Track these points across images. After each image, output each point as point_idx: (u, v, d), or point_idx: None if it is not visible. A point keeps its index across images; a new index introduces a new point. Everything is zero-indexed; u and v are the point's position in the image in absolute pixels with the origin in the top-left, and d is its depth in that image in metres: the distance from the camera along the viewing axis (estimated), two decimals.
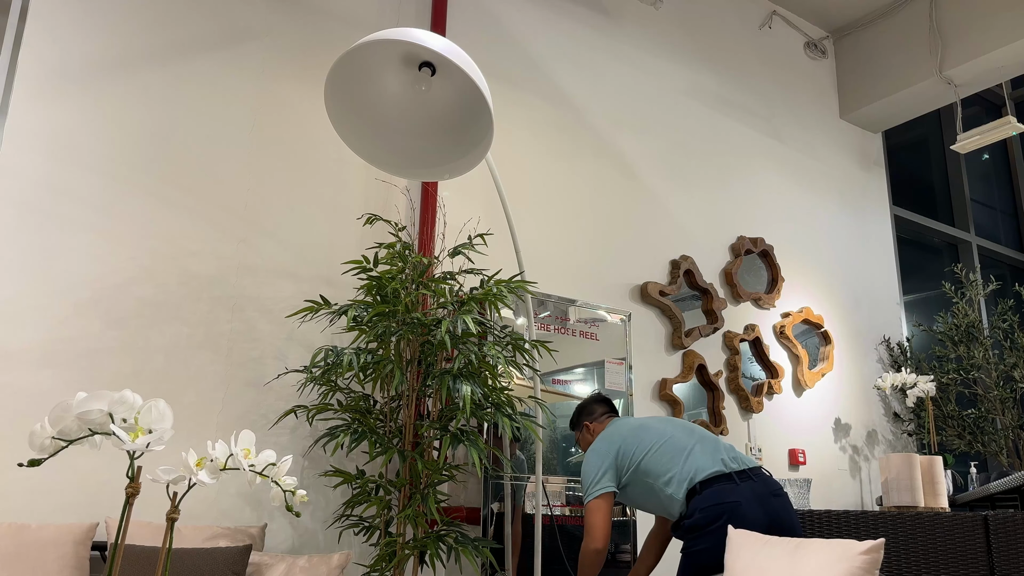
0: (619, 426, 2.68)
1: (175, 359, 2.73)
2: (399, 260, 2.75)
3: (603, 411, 2.86)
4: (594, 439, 2.74)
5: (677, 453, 2.55)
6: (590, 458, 2.61)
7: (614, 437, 2.63)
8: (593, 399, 2.90)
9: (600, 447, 2.62)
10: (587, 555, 2.52)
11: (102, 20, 2.82)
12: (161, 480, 1.38)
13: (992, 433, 4.65)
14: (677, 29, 4.63)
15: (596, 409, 2.87)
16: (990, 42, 4.64)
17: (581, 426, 2.86)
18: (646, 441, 2.59)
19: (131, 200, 2.76)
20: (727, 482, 2.45)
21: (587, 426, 2.83)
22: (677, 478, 2.50)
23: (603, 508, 2.53)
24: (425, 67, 2.57)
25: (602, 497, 2.54)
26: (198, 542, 2.38)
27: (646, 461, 2.56)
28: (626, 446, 2.60)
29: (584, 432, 2.85)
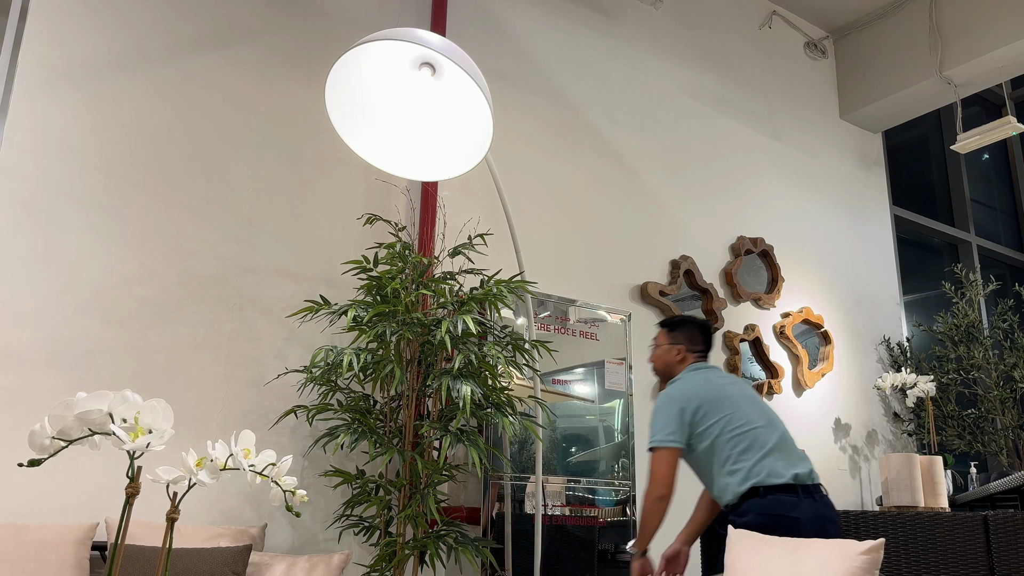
0: (704, 383, 2.54)
1: (175, 359, 2.73)
2: (399, 260, 2.75)
3: (700, 350, 2.72)
4: (674, 367, 2.66)
5: (754, 447, 2.41)
6: (667, 405, 2.50)
7: (697, 394, 2.50)
8: (703, 327, 2.77)
9: (679, 396, 2.50)
10: (649, 503, 2.42)
11: (102, 20, 2.82)
12: (161, 480, 1.38)
13: (992, 433, 4.65)
14: (677, 29, 4.63)
15: (697, 339, 2.73)
16: (990, 42, 4.64)
17: (671, 341, 2.73)
18: (726, 418, 2.46)
19: (131, 200, 2.76)
20: (790, 494, 2.33)
21: (677, 348, 2.72)
22: (744, 472, 2.39)
23: (668, 460, 2.42)
24: (425, 67, 2.57)
25: (668, 450, 2.43)
26: (198, 542, 2.38)
27: (719, 441, 2.44)
28: (705, 412, 2.47)
29: (669, 351, 2.73)
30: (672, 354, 2.71)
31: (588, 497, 3.25)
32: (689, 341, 2.72)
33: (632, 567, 2.55)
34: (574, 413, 3.36)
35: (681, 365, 2.71)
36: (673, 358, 2.71)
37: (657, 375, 2.81)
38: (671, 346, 2.72)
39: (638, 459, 3.77)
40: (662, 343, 2.75)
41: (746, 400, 2.53)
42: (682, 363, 2.71)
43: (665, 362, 2.74)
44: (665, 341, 2.75)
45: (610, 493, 3.32)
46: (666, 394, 2.53)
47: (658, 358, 2.74)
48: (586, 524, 3.20)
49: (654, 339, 2.84)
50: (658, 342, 2.77)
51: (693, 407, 2.47)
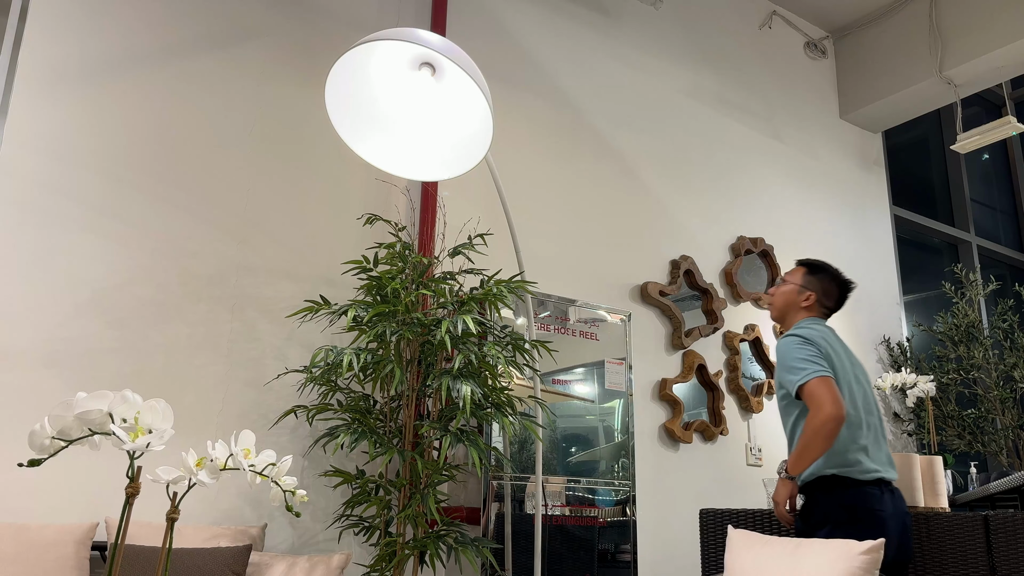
0: (826, 344, 2.35)
1: (175, 359, 2.73)
2: (399, 260, 2.75)
3: (829, 306, 2.54)
4: (794, 311, 2.50)
5: (850, 434, 2.28)
6: (802, 345, 2.31)
7: (821, 345, 2.32)
8: (842, 286, 2.56)
9: (811, 337, 2.33)
10: (818, 424, 2.16)
11: (102, 20, 2.82)
12: (161, 480, 1.38)
13: (992, 433, 4.65)
14: (677, 29, 4.63)
15: (831, 294, 2.54)
16: (990, 42, 4.64)
17: (804, 284, 2.54)
18: (839, 387, 2.30)
19: (131, 200, 2.76)
20: (873, 488, 2.24)
21: (808, 294, 2.53)
22: (835, 456, 2.26)
23: (827, 384, 2.20)
24: (425, 67, 2.57)
25: (822, 378, 2.21)
26: (198, 542, 2.38)
27: None
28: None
29: (799, 293, 2.54)
30: (800, 297, 2.52)
31: (588, 497, 3.25)
32: (824, 293, 2.52)
33: (779, 489, 2.31)
34: (574, 413, 3.36)
35: (802, 313, 2.52)
36: (799, 301, 2.52)
37: (772, 313, 2.62)
38: (803, 289, 2.52)
39: (638, 459, 3.77)
40: (793, 281, 2.55)
41: (854, 379, 2.37)
42: (806, 311, 2.52)
43: (787, 302, 2.54)
44: (798, 281, 2.54)
45: (610, 493, 3.32)
46: (794, 335, 2.34)
47: (782, 295, 2.54)
48: (586, 524, 3.20)
49: (784, 275, 2.63)
50: (789, 279, 2.56)
51: (824, 353, 2.30)
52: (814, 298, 2.51)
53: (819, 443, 2.16)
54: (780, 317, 2.58)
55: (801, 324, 2.44)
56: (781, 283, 2.58)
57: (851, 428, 2.27)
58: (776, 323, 2.60)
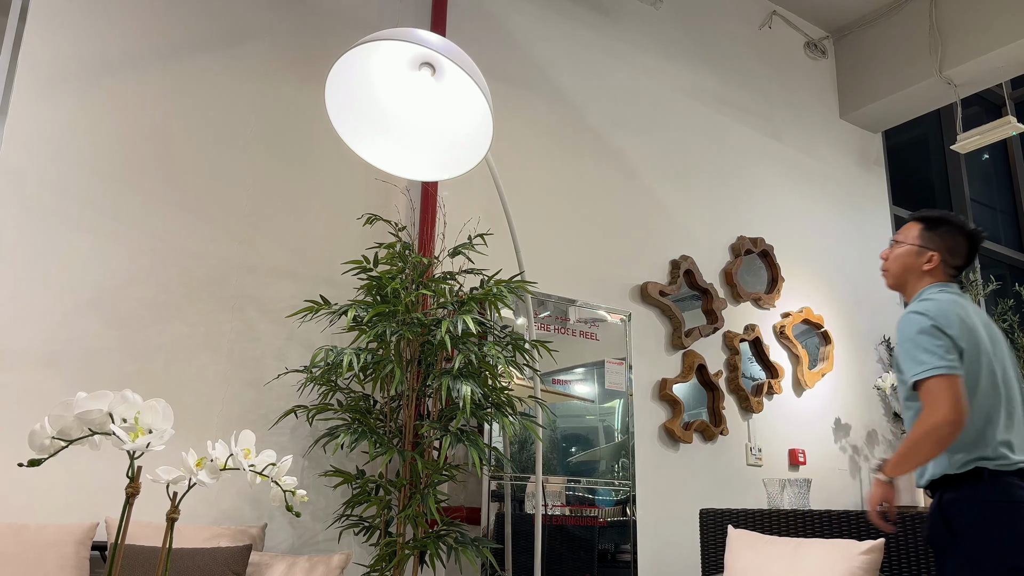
0: (958, 321, 1.98)
1: (175, 359, 2.73)
2: (399, 260, 2.75)
3: (958, 265, 2.13)
4: (915, 277, 2.13)
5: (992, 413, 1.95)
6: (929, 331, 1.94)
7: (952, 325, 1.95)
8: (971, 237, 2.13)
9: (941, 318, 1.95)
10: (928, 427, 1.86)
11: (102, 20, 2.82)
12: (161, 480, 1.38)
13: None
14: (677, 29, 4.63)
15: (959, 252, 2.12)
16: (990, 42, 4.64)
17: (923, 243, 2.13)
18: (975, 367, 1.96)
19: (131, 200, 2.76)
20: (1017, 478, 1.89)
21: (930, 255, 2.13)
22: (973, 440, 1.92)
23: (952, 386, 1.86)
24: (425, 67, 2.57)
25: (949, 378, 1.87)
26: (198, 542, 2.38)
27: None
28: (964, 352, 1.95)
29: (919, 254, 2.14)
30: (920, 260, 2.12)
31: (588, 497, 3.25)
32: (949, 251, 2.11)
33: (873, 491, 2.05)
34: (574, 413, 3.36)
35: (925, 279, 2.13)
36: (919, 265, 2.12)
37: (888, 280, 2.22)
38: (923, 249, 2.12)
39: (638, 459, 3.77)
40: (909, 242, 2.15)
41: (995, 360, 2.01)
42: (930, 275, 2.12)
43: (905, 266, 2.15)
44: (916, 240, 2.14)
45: (610, 493, 3.32)
46: (920, 315, 1.97)
47: (898, 259, 2.15)
48: (586, 524, 3.20)
49: (896, 235, 2.23)
50: (903, 239, 2.17)
51: (956, 336, 1.94)
52: (938, 259, 2.11)
53: (927, 448, 1.87)
54: (898, 285, 2.19)
55: (927, 294, 2.05)
56: (893, 245, 2.19)
57: (995, 403, 1.94)
58: (895, 291, 2.24)
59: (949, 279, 2.12)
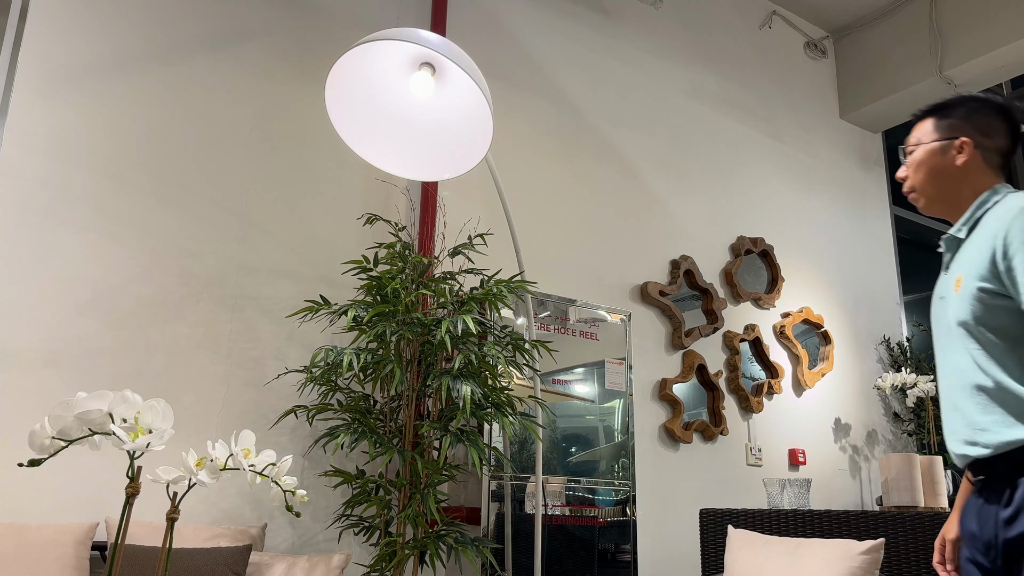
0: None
1: (175, 359, 2.73)
2: (399, 260, 2.75)
3: (1001, 148, 1.55)
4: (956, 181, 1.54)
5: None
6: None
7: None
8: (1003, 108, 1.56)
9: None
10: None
11: (102, 20, 2.82)
12: (161, 480, 1.38)
13: None
14: (677, 29, 4.63)
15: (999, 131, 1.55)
16: (990, 42, 4.64)
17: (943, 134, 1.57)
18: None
19: (131, 200, 2.76)
20: None
21: (960, 143, 1.55)
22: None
23: None
24: (425, 67, 2.57)
25: None
26: (198, 542, 2.38)
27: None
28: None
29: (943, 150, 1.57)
30: (949, 155, 1.56)
31: (588, 497, 3.25)
32: (981, 132, 1.55)
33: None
34: (574, 413, 3.36)
35: (972, 178, 1.54)
36: (949, 163, 1.55)
37: (919, 200, 1.62)
38: (947, 141, 1.56)
39: (638, 459, 3.78)
40: (926, 140, 1.60)
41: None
42: (976, 172, 1.54)
43: (932, 171, 1.58)
44: (931, 136, 1.59)
45: (610, 493, 3.32)
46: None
47: (920, 168, 1.59)
48: (586, 524, 3.20)
49: (907, 141, 1.66)
50: (916, 141, 1.62)
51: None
52: (971, 145, 1.55)
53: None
54: (936, 199, 1.59)
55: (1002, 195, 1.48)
56: (905, 156, 1.65)
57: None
58: (938, 216, 1.62)
59: (999, 173, 1.55)
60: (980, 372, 1.42)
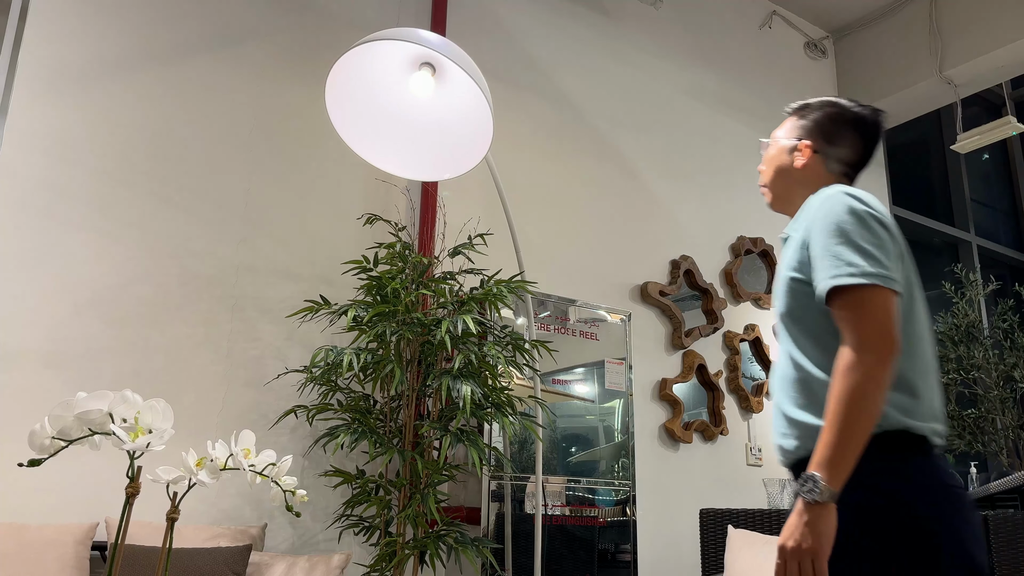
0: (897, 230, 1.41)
1: (175, 359, 2.73)
2: (399, 260, 2.75)
3: (851, 160, 1.55)
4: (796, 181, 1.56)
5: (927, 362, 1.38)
6: (861, 223, 1.34)
7: (892, 226, 1.38)
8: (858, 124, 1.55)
9: (882, 211, 1.38)
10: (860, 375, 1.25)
11: (102, 20, 2.82)
12: (161, 480, 1.38)
13: (992, 433, 4.65)
14: (677, 29, 4.63)
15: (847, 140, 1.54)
16: (990, 42, 4.64)
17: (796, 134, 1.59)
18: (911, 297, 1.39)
19: (131, 200, 2.76)
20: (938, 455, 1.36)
21: (803, 146, 1.57)
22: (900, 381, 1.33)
23: (891, 306, 1.29)
24: (425, 67, 2.57)
25: (881, 291, 1.29)
26: (198, 542, 2.38)
27: None
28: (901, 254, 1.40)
29: (789, 152, 1.59)
30: (791, 157, 1.59)
31: (588, 497, 3.25)
32: (825, 136, 1.55)
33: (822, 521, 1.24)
34: (574, 413, 3.36)
35: (811, 183, 1.55)
36: (791, 163, 1.58)
37: (767, 196, 1.65)
38: (791, 143, 1.60)
39: (638, 459, 3.77)
40: (779, 138, 1.63)
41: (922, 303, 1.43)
42: (814, 176, 1.55)
43: (778, 170, 1.61)
44: (785, 135, 1.62)
45: (610, 493, 3.32)
46: (853, 198, 1.38)
47: (770, 163, 1.62)
48: (586, 524, 3.20)
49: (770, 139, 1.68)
50: (774, 137, 1.65)
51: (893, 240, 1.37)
52: (810, 149, 1.57)
53: (870, 407, 1.25)
54: (778, 199, 1.62)
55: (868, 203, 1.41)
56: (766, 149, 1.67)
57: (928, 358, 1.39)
58: (782, 213, 1.63)
59: (840, 180, 1.55)
60: (793, 365, 1.41)
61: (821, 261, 1.35)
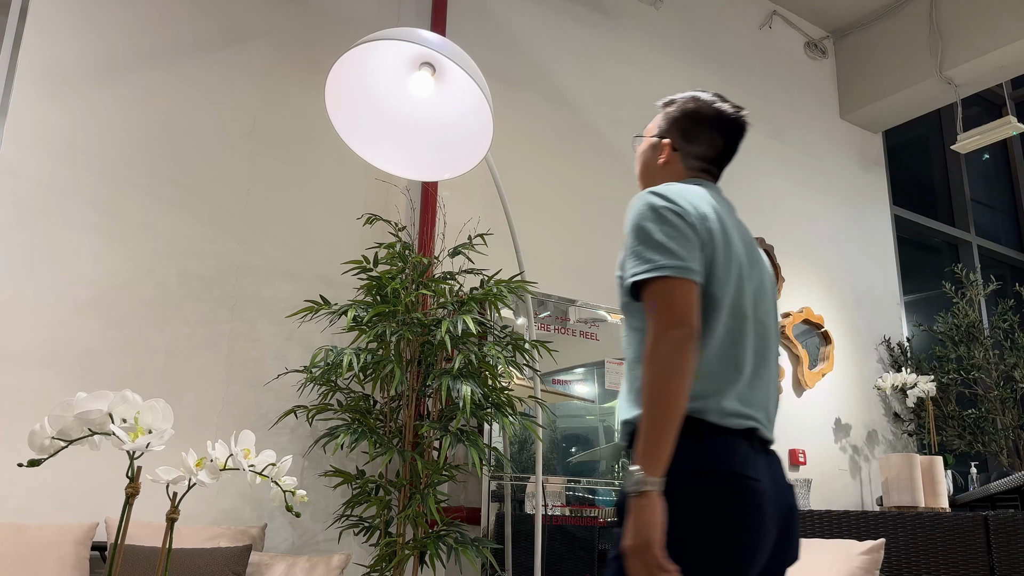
0: (710, 205, 1.47)
1: (175, 359, 2.73)
2: (399, 260, 2.75)
3: (707, 156, 1.60)
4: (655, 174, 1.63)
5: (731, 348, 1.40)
6: (660, 219, 1.39)
7: (700, 217, 1.42)
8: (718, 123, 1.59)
9: (686, 204, 1.42)
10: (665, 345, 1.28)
11: (102, 20, 2.82)
12: (161, 480, 1.38)
13: (992, 433, 4.64)
14: (677, 29, 4.63)
15: (694, 135, 1.59)
16: (990, 42, 4.64)
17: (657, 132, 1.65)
18: (723, 281, 1.41)
19: (131, 200, 2.76)
20: (745, 442, 1.36)
21: (662, 142, 1.63)
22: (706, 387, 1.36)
23: (690, 293, 1.33)
24: (425, 67, 2.57)
25: (684, 283, 1.33)
26: (198, 542, 2.38)
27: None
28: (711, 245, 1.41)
29: (653, 149, 1.65)
30: (655, 153, 1.64)
31: (588, 497, 3.25)
32: (683, 134, 1.61)
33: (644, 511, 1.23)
34: (574, 413, 3.36)
35: (673, 179, 1.61)
36: (655, 160, 1.64)
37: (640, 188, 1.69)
38: (655, 139, 1.65)
39: None
40: (647, 133, 1.69)
41: (749, 282, 1.47)
42: (672, 174, 1.61)
43: (645, 165, 1.66)
44: (651, 130, 1.68)
45: (610, 493, 3.32)
46: (657, 195, 1.43)
47: (640, 158, 1.69)
48: (586, 524, 3.20)
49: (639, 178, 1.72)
50: (645, 131, 1.70)
51: (701, 231, 1.41)
52: (670, 147, 1.61)
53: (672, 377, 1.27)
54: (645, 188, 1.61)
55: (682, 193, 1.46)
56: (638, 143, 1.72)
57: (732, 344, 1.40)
58: None
59: (700, 176, 1.59)
60: (626, 359, 1.49)
61: (627, 260, 1.42)
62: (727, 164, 1.63)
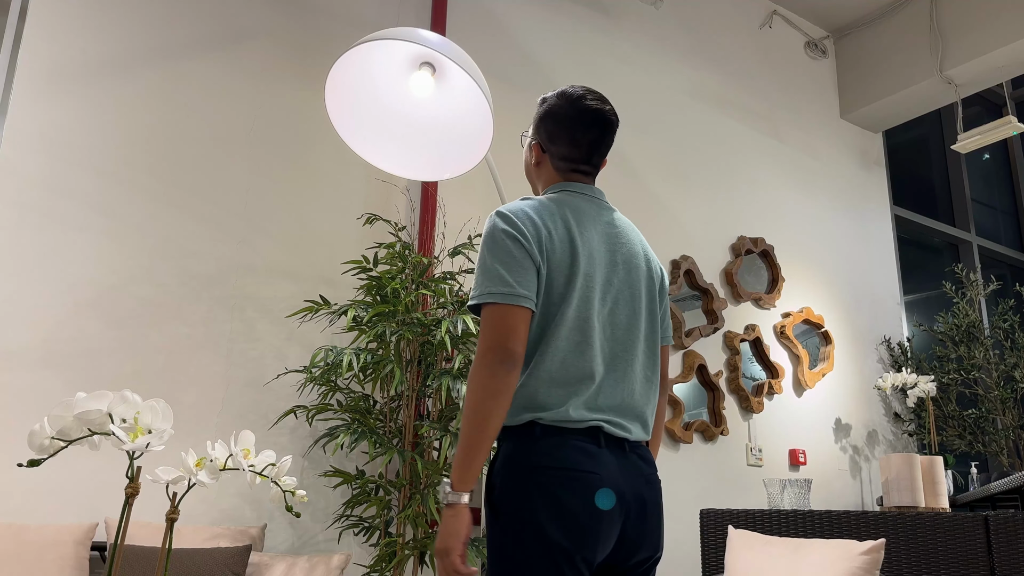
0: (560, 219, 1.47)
1: (175, 359, 2.73)
2: (399, 260, 2.75)
3: (568, 155, 1.57)
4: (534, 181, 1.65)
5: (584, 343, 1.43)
6: (498, 239, 1.42)
7: (537, 235, 1.43)
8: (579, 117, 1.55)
9: (524, 224, 1.43)
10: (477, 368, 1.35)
11: (102, 20, 2.82)
12: (161, 480, 1.38)
13: (993, 433, 4.64)
14: (678, 29, 4.63)
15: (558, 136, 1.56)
16: (990, 42, 4.64)
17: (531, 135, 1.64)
18: (563, 292, 1.43)
19: (131, 200, 2.76)
20: (586, 440, 1.39)
21: (539, 149, 1.61)
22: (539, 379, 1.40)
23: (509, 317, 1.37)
24: (425, 66, 2.57)
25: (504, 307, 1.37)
26: (198, 542, 2.38)
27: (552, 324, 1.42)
28: (555, 263, 1.44)
29: (530, 151, 1.64)
30: (530, 154, 1.64)
31: None
32: (549, 136, 1.58)
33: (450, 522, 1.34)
34: None
35: (545, 180, 1.61)
36: (530, 160, 1.64)
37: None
38: (530, 140, 1.64)
39: None
40: (527, 133, 1.68)
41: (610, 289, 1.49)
42: (546, 176, 1.61)
43: (525, 164, 1.68)
44: (527, 153, 1.66)
45: None
46: (499, 218, 1.45)
47: (524, 156, 1.68)
48: None
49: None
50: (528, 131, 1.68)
51: (536, 250, 1.42)
52: (539, 150, 1.60)
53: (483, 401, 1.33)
54: (532, 188, 1.69)
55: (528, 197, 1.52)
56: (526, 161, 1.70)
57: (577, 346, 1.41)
58: None
59: (571, 177, 1.57)
60: None
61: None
62: (600, 160, 1.59)
